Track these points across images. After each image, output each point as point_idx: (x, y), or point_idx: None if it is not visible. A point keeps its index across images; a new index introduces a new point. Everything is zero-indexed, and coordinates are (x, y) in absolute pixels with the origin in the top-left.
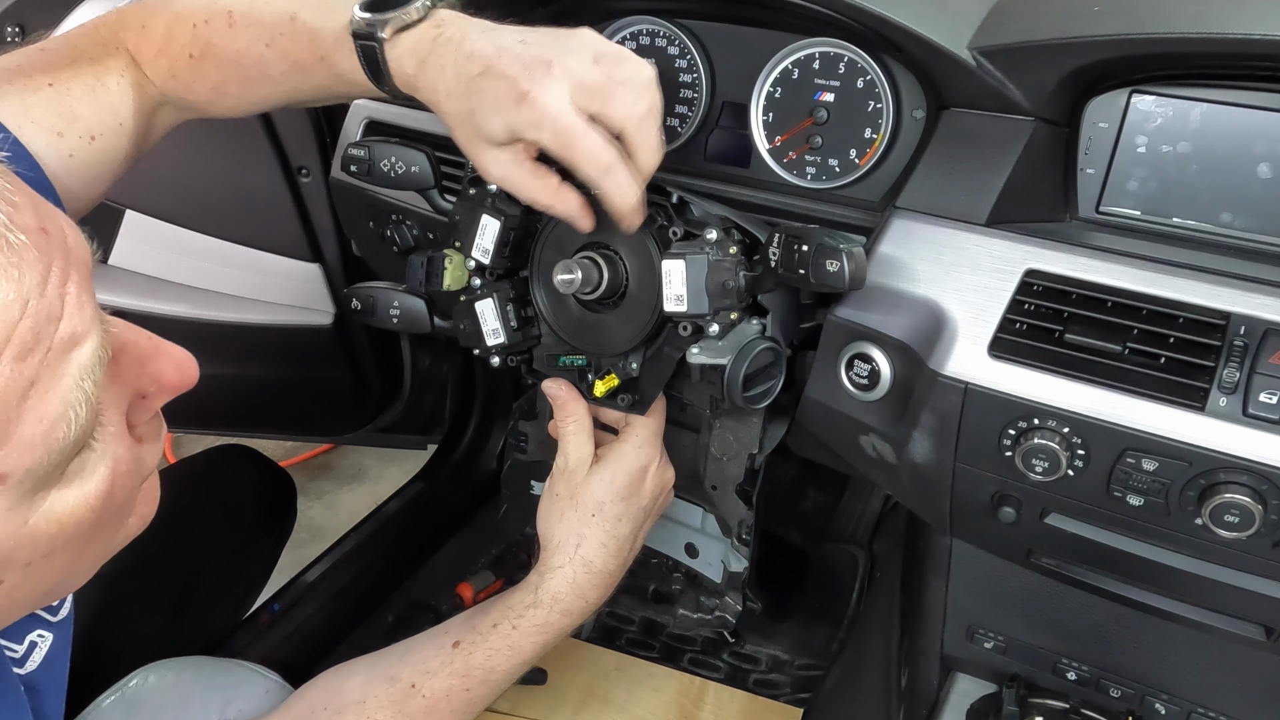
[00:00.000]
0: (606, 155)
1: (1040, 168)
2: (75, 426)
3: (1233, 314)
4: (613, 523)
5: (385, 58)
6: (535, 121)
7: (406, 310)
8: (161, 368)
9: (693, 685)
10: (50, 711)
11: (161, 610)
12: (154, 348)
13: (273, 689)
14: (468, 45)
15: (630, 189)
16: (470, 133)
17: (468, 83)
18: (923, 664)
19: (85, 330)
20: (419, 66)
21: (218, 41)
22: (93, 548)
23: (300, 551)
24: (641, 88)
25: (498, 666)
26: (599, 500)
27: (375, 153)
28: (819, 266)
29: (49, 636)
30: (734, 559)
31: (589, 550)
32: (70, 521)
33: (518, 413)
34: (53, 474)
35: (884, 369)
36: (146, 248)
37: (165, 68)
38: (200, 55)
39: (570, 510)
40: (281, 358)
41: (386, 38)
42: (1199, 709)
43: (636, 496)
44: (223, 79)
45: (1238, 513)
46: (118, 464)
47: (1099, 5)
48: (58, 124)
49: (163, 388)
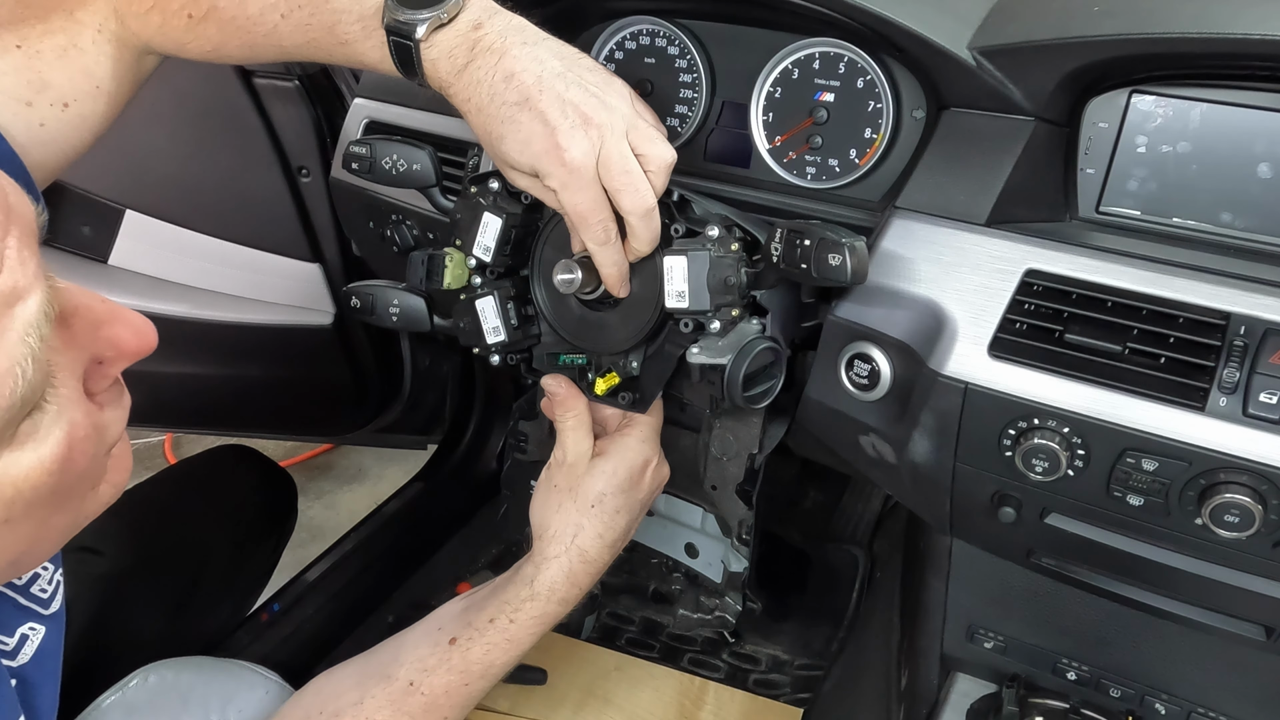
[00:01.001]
0: (609, 233)
1: (1040, 168)
2: (22, 383)
3: (1233, 314)
4: (611, 515)
5: (420, 58)
6: (560, 180)
7: (406, 308)
8: (118, 332)
9: (693, 685)
10: (42, 705)
11: (162, 610)
12: (109, 312)
13: (273, 689)
14: (507, 64)
15: (622, 263)
16: (496, 151)
17: (502, 107)
18: (923, 664)
19: (28, 285)
20: (456, 76)
21: (224, 5)
22: (59, 516)
23: (300, 551)
24: (659, 173)
25: (496, 660)
26: (599, 492)
27: (377, 150)
28: (821, 261)
29: (40, 630)
30: (734, 559)
31: (585, 540)
32: (27, 486)
33: (518, 413)
34: (3, 433)
35: (884, 369)
36: (146, 248)
37: (156, 24)
38: (202, 17)
39: (569, 501)
40: (281, 358)
41: (422, 39)
42: (1199, 709)
43: (636, 490)
44: (224, 41)
45: (1238, 513)
46: (74, 429)
47: (1099, 5)
48: (26, 93)
49: (120, 353)
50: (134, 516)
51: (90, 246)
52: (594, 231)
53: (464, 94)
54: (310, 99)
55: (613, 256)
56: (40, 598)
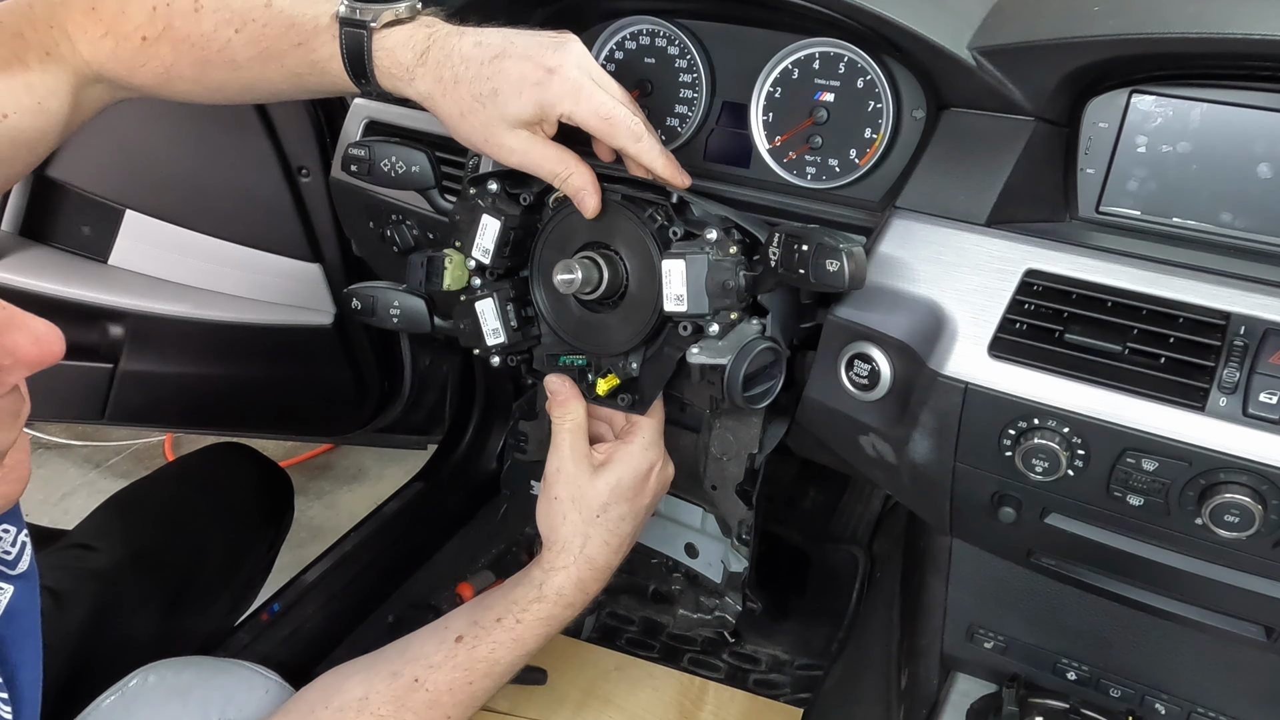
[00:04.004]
0: (638, 123)
1: (1040, 168)
2: None
3: (1233, 314)
4: (616, 522)
5: (371, 48)
6: (568, 94)
7: (406, 310)
8: (16, 340)
9: (693, 685)
10: (20, 660)
11: (158, 606)
12: (8, 318)
13: (273, 689)
14: (471, 37)
15: (662, 149)
16: (486, 118)
17: (483, 66)
18: (923, 664)
19: None
20: (420, 57)
21: (179, 24)
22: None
23: (300, 551)
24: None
25: (501, 659)
26: (604, 502)
27: (375, 152)
28: (819, 266)
29: (8, 589)
30: (734, 559)
31: (593, 549)
32: None
33: (518, 413)
34: None
35: (884, 369)
36: (146, 248)
37: (109, 49)
38: (155, 38)
39: (573, 512)
40: (281, 358)
41: (376, 27)
42: (1199, 709)
43: (640, 496)
44: (176, 61)
45: (1238, 513)
46: None
47: (1099, 5)
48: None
49: (17, 361)
50: (130, 513)
51: (90, 246)
52: (624, 126)
53: (433, 74)
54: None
55: (654, 144)
56: (5, 559)
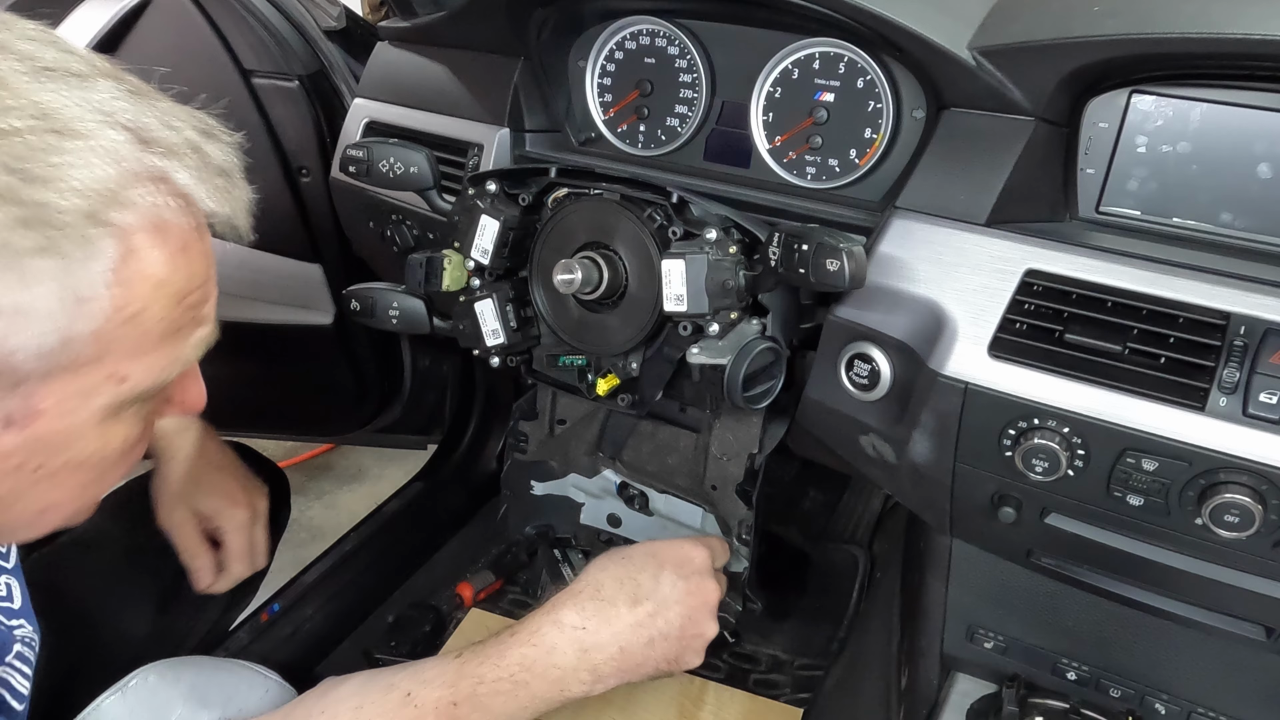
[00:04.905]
0: None
1: (1040, 168)
2: (167, 378)
3: (1233, 314)
4: (652, 603)
5: None
6: None
7: (405, 311)
8: (187, 388)
9: (693, 685)
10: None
11: (153, 603)
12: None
13: (273, 689)
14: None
15: None
16: None
17: None
18: (923, 664)
19: (212, 316)
20: None
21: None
22: (94, 486)
23: (300, 551)
24: None
25: (486, 675)
26: (650, 637)
27: (374, 153)
28: (819, 265)
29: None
30: (734, 559)
31: (610, 591)
32: (107, 448)
33: (518, 413)
34: (137, 405)
35: (884, 369)
36: None
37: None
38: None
39: (628, 614)
40: (281, 357)
41: None
42: (1199, 709)
43: (677, 644)
44: None
45: (1238, 513)
46: (139, 429)
47: (1099, 5)
48: None
49: (186, 407)
50: (125, 510)
51: None
52: None
53: None
54: (310, 99)
55: None
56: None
